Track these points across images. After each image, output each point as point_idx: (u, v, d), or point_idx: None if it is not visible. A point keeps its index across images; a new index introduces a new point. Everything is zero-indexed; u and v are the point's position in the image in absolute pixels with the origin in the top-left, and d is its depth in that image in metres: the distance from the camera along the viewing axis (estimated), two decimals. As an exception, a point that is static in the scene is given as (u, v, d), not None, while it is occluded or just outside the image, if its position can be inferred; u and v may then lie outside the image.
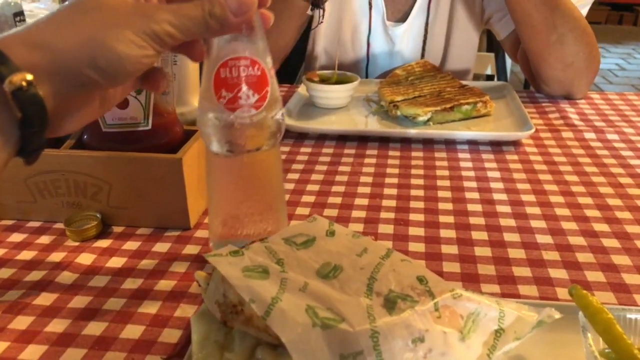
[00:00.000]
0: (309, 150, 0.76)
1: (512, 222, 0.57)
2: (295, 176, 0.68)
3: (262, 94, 0.42)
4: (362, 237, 0.36)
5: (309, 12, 0.98)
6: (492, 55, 1.56)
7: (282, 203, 0.50)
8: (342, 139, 0.79)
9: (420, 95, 0.87)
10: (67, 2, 0.36)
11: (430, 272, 0.33)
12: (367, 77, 1.15)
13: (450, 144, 0.78)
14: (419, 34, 1.11)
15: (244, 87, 0.41)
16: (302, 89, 0.96)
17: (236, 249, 0.34)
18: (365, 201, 0.62)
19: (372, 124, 0.84)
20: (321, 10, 0.92)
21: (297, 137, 0.80)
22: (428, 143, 0.78)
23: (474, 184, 0.66)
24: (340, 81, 0.91)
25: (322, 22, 0.99)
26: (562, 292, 0.46)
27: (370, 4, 1.11)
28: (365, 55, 1.14)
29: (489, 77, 1.64)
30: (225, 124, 0.42)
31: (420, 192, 0.64)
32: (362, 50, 1.14)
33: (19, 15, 0.56)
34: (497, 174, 0.68)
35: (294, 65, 1.23)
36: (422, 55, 1.12)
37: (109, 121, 0.55)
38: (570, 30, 0.89)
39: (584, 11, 1.05)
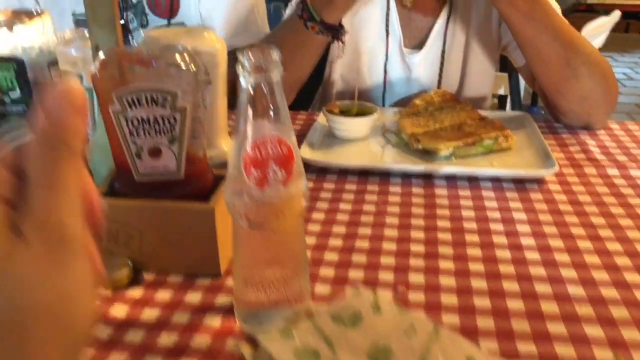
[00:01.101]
0: (331, 186, 0.77)
1: (542, 272, 0.57)
2: (321, 216, 0.69)
3: (289, 171, 0.43)
4: (407, 312, 0.36)
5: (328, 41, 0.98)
6: (505, 75, 1.57)
7: (306, 267, 0.50)
8: (364, 173, 0.80)
9: (441, 128, 0.87)
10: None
11: (479, 352, 0.33)
12: (384, 103, 1.15)
13: (473, 181, 0.78)
14: (435, 60, 1.12)
15: (273, 166, 0.42)
16: (321, 119, 0.96)
17: (285, 328, 0.34)
18: (393, 245, 0.62)
19: (394, 158, 0.84)
20: (341, 43, 0.93)
21: (319, 171, 0.80)
22: (451, 179, 0.78)
23: (500, 227, 0.66)
24: (360, 112, 0.91)
25: (341, 55, 0.99)
26: (600, 354, 0.45)
27: (387, 31, 1.11)
28: (382, 82, 1.14)
29: (502, 97, 1.65)
30: (255, 201, 0.43)
31: (448, 236, 0.64)
32: (379, 77, 1.14)
33: (54, 64, 0.57)
34: (522, 216, 0.68)
35: (310, 90, 1.24)
36: (439, 82, 1.13)
37: (142, 170, 0.55)
38: (585, 65, 0.89)
39: (601, 40, 1.05)
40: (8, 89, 0.54)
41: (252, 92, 0.42)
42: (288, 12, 1.12)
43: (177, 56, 0.52)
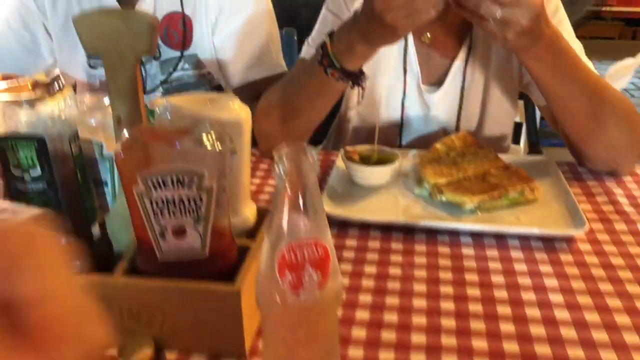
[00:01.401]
0: (354, 243, 0.75)
1: (581, 354, 0.55)
2: (345, 281, 0.66)
3: (325, 273, 0.41)
4: None
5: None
6: (521, 102, 1.54)
7: (337, 344, 0.48)
8: (388, 228, 0.77)
9: (464, 178, 0.85)
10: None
11: None
12: (401, 140, 1.13)
13: (500, 237, 0.75)
14: (454, 99, 1.09)
15: (308, 269, 0.40)
16: (340, 162, 0.94)
17: None
18: (422, 320, 0.60)
19: (417, 209, 0.82)
20: (361, 90, 0.90)
21: (341, 225, 0.78)
22: (477, 235, 0.76)
23: (532, 297, 0.63)
24: (380, 159, 0.89)
25: (361, 102, 0.97)
26: None
27: (405, 68, 1.09)
28: (400, 118, 1.12)
29: (517, 125, 1.62)
30: (288, 305, 0.41)
31: (479, 307, 0.62)
32: (396, 113, 1.12)
33: (75, 139, 0.55)
34: (554, 282, 0.66)
35: (324, 123, 1.22)
36: (458, 121, 1.10)
37: (165, 250, 0.53)
38: (611, 116, 0.87)
39: (625, 81, 1.03)
40: (29, 167, 0.52)
41: (288, 191, 0.40)
42: (304, 49, 1.10)
43: (204, 136, 0.50)
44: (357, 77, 0.88)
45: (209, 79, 1.25)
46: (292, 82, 0.99)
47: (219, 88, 1.28)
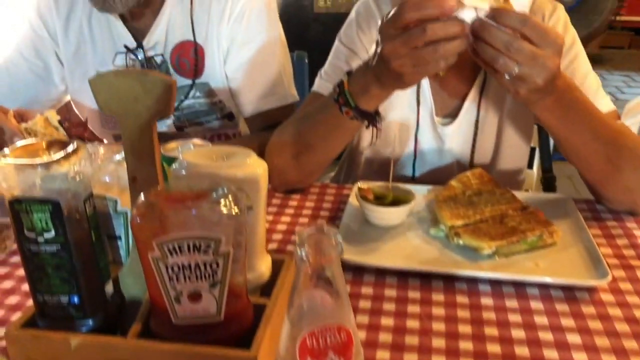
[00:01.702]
0: (370, 291, 0.73)
1: None
2: (362, 335, 0.65)
3: (348, 357, 0.40)
4: None
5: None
6: (534, 126, 1.52)
7: None
8: (405, 273, 0.76)
9: (481, 220, 0.84)
10: None
11: None
12: (414, 172, 1.11)
13: (519, 285, 0.74)
14: (468, 132, 1.08)
15: (331, 355, 0.39)
16: (353, 199, 0.93)
17: None
18: (442, 380, 0.58)
19: (433, 253, 0.81)
20: (375, 130, 0.89)
21: (356, 270, 0.77)
22: (496, 283, 0.74)
23: (555, 355, 0.62)
24: (396, 199, 0.88)
25: (374, 143, 0.95)
26: None
27: (418, 99, 1.08)
28: (413, 150, 1.11)
29: (530, 149, 1.60)
30: None
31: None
32: (409, 145, 1.11)
33: (89, 199, 0.54)
34: (577, 339, 0.64)
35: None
36: (472, 154, 1.09)
37: (180, 314, 0.52)
38: (628, 159, 0.86)
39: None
40: (42, 230, 0.51)
41: (310, 275, 0.39)
42: (317, 82, 1.09)
43: (221, 201, 0.49)
44: (372, 118, 0.87)
45: (220, 107, 1.25)
46: (306, 118, 0.98)
47: (230, 116, 1.27)
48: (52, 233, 0.51)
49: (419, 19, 0.71)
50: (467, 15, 0.71)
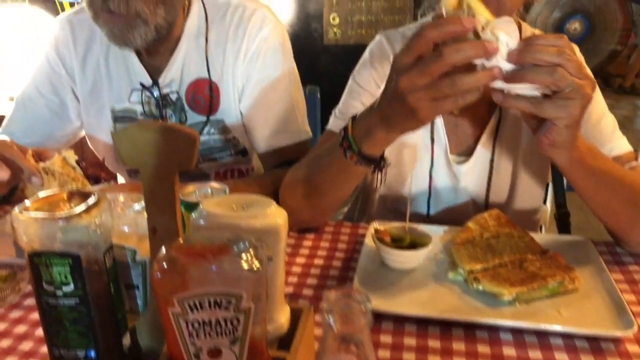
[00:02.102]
0: (389, 339, 0.72)
1: None
2: (382, 387, 0.63)
3: None
4: None
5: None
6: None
7: None
8: (424, 320, 0.75)
9: (500, 264, 0.82)
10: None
11: None
12: (429, 210, 1.11)
13: (542, 334, 0.72)
14: (483, 170, 1.07)
15: None
16: (369, 240, 0.92)
17: None
18: None
19: (453, 299, 0.79)
20: (382, 175, 0.87)
21: (375, 315, 0.75)
22: (518, 331, 0.73)
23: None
24: (413, 241, 0.87)
25: (379, 188, 0.93)
26: None
27: (432, 137, 1.08)
28: (428, 188, 1.10)
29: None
30: None
31: None
32: (424, 183, 1.10)
33: (109, 252, 0.53)
34: (605, 394, 0.62)
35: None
36: (487, 192, 1.08)
37: (200, 370, 0.51)
38: None
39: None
40: (61, 284, 0.51)
41: (337, 339, 0.38)
42: (331, 121, 1.09)
43: (242, 256, 0.48)
44: (377, 163, 0.84)
45: (234, 143, 1.25)
46: (315, 160, 0.97)
47: (243, 152, 1.27)
48: (71, 286, 0.51)
49: (438, 40, 0.68)
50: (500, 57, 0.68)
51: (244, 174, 1.32)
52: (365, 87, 1.07)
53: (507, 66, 0.67)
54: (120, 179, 1.43)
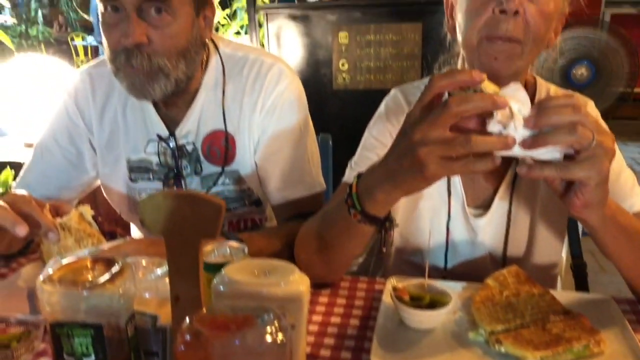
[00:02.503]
0: (410, 405, 0.69)
1: None
2: None
3: None
4: None
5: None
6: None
7: None
8: (444, 386, 0.73)
9: (522, 324, 0.80)
10: None
11: None
12: (446, 263, 1.09)
13: (568, 402, 0.70)
14: (501, 224, 1.06)
15: None
16: (387, 298, 0.90)
17: None
18: None
19: (474, 361, 0.77)
20: (386, 237, 0.86)
21: (394, 379, 0.73)
22: (543, 399, 0.70)
23: None
24: (433, 300, 0.85)
25: (383, 251, 0.89)
26: None
27: (449, 190, 1.08)
28: (445, 241, 1.09)
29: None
30: None
31: None
32: (441, 236, 1.09)
33: (131, 321, 0.53)
34: None
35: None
36: (505, 246, 1.07)
37: None
38: None
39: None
40: (82, 355, 0.50)
41: None
42: (347, 173, 1.09)
43: (267, 329, 0.48)
44: (380, 224, 0.84)
45: (248, 194, 1.25)
46: (325, 215, 0.97)
47: (257, 202, 1.27)
48: (92, 358, 0.50)
49: (447, 89, 0.69)
50: (514, 126, 0.69)
51: (258, 224, 1.32)
52: (381, 140, 1.08)
53: (524, 133, 0.68)
54: (134, 228, 1.44)
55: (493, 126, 0.68)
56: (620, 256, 0.85)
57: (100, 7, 1.03)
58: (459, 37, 0.98)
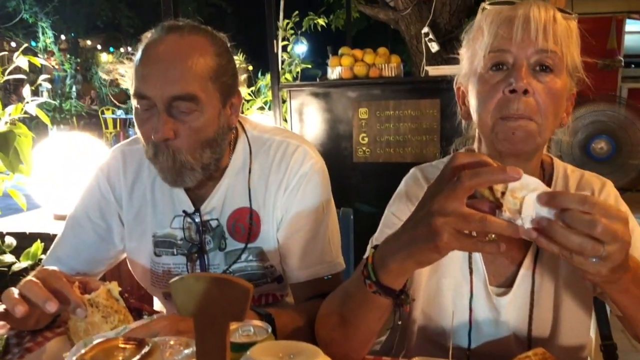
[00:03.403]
0: None
1: None
2: None
3: None
4: None
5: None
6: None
7: None
8: None
9: (550, 411, 0.78)
10: None
11: None
12: (470, 343, 1.07)
13: None
14: (524, 303, 1.05)
15: None
16: (411, 378, 0.89)
17: None
18: None
19: None
20: (401, 311, 0.86)
21: None
22: None
23: None
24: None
25: (399, 323, 0.89)
26: None
27: (470, 268, 1.08)
28: (468, 320, 1.08)
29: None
30: None
31: None
32: (464, 315, 1.08)
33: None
34: None
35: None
36: (529, 326, 1.05)
37: None
38: None
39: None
40: None
41: None
42: (368, 249, 1.10)
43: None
44: (396, 295, 0.84)
45: (271, 271, 1.27)
46: (344, 289, 0.98)
47: (279, 279, 1.28)
48: None
49: (467, 165, 0.71)
50: (526, 211, 0.71)
51: (279, 299, 1.32)
52: (402, 218, 1.10)
53: (542, 212, 0.70)
54: (156, 301, 1.45)
55: (502, 216, 0.71)
56: None
57: (134, 102, 1.11)
58: (475, 120, 1.02)
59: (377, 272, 0.83)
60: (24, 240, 2.05)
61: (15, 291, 0.94)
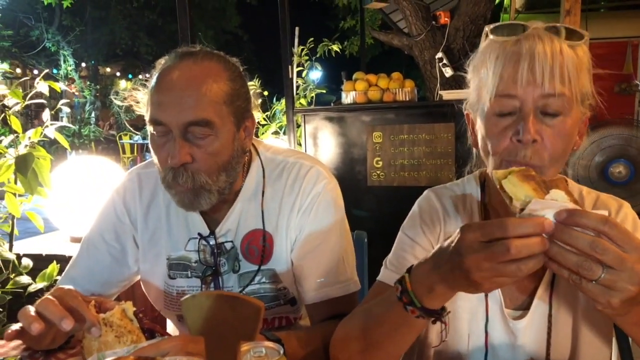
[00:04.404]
0: None
1: None
2: None
3: None
4: None
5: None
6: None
7: None
8: None
9: None
10: None
11: None
12: (486, 368, 1.05)
13: None
14: (542, 327, 1.03)
15: None
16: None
17: None
18: None
19: None
20: (444, 325, 0.86)
21: None
22: None
23: None
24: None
25: (439, 343, 0.91)
26: None
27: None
28: (484, 344, 1.06)
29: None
30: None
31: None
32: (480, 339, 1.06)
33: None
34: None
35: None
36: (548, 350, 1.03)
37: None
38: None
39: None
40: None
41: None
42: (382, 272, 1.10)
43: None
44: (438, 315, 0.84)
45: (284, 293, 1.26)
46: (371, 313, 0.97)
47: (292, 301, 1.28)
48: None
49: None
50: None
51: (292, 322, 1.31)
52: (416, 240, 1.09)
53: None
54: (169, 324, 1.45)
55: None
56: None
57: (150, 129, 1.12)
58: (482, 155, 1.02)
59: (421, 298, 0.83)
60: (40, 261, 2.08)
61: (31, 309, 0.94)
